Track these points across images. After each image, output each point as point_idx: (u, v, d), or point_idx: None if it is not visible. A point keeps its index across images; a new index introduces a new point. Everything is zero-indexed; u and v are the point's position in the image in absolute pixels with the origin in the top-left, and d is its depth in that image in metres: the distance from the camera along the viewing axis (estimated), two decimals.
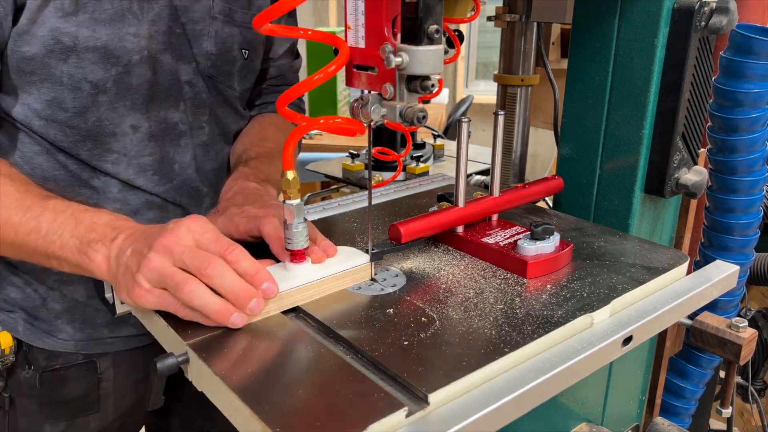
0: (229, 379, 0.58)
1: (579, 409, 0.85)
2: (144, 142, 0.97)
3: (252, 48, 1.08)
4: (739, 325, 0.84)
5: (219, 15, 1.01)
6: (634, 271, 0.79)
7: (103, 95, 0.91)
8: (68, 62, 0.87)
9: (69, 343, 1.02)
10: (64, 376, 1.03)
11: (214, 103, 1.05)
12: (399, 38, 0.66)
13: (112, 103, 0.92)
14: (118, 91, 0.92)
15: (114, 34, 0.88)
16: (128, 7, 0.89)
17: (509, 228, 0.88)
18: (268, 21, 0.60)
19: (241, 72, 1.08)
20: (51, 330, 1.02)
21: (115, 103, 0.92)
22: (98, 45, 0.87)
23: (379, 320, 0.68)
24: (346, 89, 3.47)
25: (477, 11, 0.91)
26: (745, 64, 0.87)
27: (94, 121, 0.92)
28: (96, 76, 0.89)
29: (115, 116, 0.93)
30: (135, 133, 0.96)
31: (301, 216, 0.72)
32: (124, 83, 0.92)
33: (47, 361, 1.02)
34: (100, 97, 0.91)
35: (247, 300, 0.66)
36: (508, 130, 1.33)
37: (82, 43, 0.86)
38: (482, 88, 5.10)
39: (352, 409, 0.54)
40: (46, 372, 1.02)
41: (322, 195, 1.89)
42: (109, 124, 0.93)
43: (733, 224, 0.97)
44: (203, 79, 1.02)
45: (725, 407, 0.95)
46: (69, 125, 0.91)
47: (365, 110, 0.69)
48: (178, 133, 1.01)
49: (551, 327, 0.66)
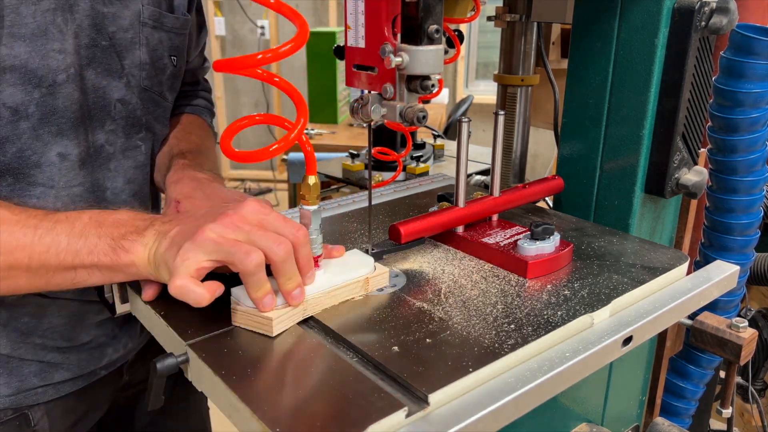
0: (228, 380, 0.58)
1: (579, 409, 0.85)
2: (74, 170, 0.86)
3: (179, 54, 1.01)
4: (739, 325, 0.84)
5: (149, 20, 0.92)
6: (634, 271, 0.79)
7: (25, 122, 0.80)
8: None
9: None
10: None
11: (151, 119, 0.97)
12: (399, 38, 0.66)
13: (35, 130, 0.81)
14: (42, 116, 0.81)
15: (36, 50, 0.78)
16: (52, 20, 0.79)
17: (509, 228, 0.88)
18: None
19: (170, 80, 1.00)
20: None
21: (38, 130, 0.81)
22: (17, 64, 0.77)
23: (379, 320, 0.68)
24: (346, 89, 3.48)
25: (477, 11, 0.91)
26: (745, 64, 0.87)
27: (14, 152, 0.80)
28: (15, 100, 0.78)
29: (39, 144, 0.82)
30: (63, 161, 0.84)
31: (317, 222, 0.70)
32: (48, 106, 0.81)
33: None
34: (21, 124, 0.79)
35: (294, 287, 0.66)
36: (508, 130, 1.33)
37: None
38: (482, 88, 5.10)
39: (352, 409, 0.54)
40: None
41: (321, 195, 1.89)
42: (32, 154, 0.82)
43: (733, 224, 0.97)
44: (137, 93, 0.93)
45: (725, 407, 0.95)
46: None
47: (365, 110, 0.69)
48: (105, 156, 0.90)
49: (551, 327, 0.66)
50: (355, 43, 0.69)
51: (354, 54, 0.70)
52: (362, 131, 3.22)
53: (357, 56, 0.70)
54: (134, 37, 0.90)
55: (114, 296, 0.79)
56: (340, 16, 4.54)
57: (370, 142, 0.85)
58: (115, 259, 0.69)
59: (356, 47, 0.69)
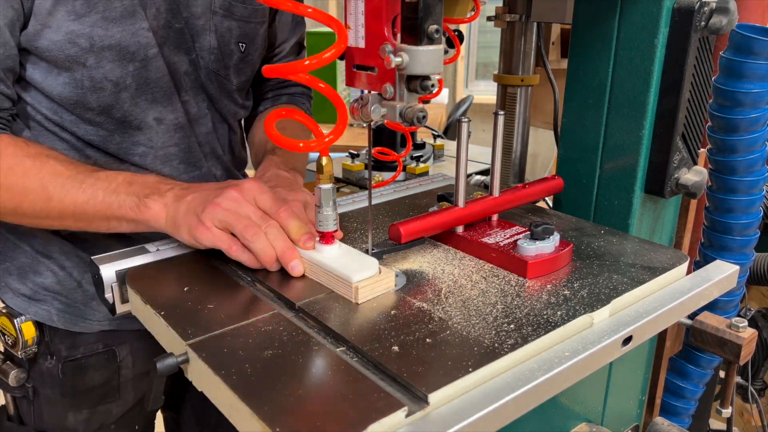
0: (228, 379, 0.58)
1: (579, 409, 0.85)
2: (169, 133, 1.01)
3: (249, 41, 1.10)
4: (739, 325, 0.84)
5: (219, 10, 1.03)
6: (633, 271, 0.79)
7: (125, 92, 0.94)
8: (87, 64, 0.90)
9: (103, 323, 1.06)
10: (85, 365, 1.06)
11: (213, 95, 1.08)
12: (399, 38, 0.66)
13: (133, 99, 0.96)
14: (138, 86, 0.95)
15: (126, 30, 0.91)
16: (139, 2, 0.92)
17: (509, 228, 0.88)
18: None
19: (238, 65, 1.10)
20: (85, 313, 1.05)
21: (136, 98, 0.96)
22: (113, 43, 0.90)
23: (378, 320, 0.68)
24: (346, 89, 3.48)
25: (477, 11, 0.91)
26: (745, 64, 0.87)
27: (119, 117, 0.96)
28: (115, 74, 0.92)
29: (138, 111, 0.97)
30: (159, 125, 1.00)
31: (330, 200, 0.75)
32: (142, 78, 0.95)
33: (69, 351, 1.05)
34: (122, 94, 0.94)
35: (290, 259, 0.77)
36: (508, 130, 1.33)
37: (98, 43, 0.89)
38: (482, 88, 5.10)
39: (352, 409, 0.54)
40: (68, 362, 1.05)
41: None
42: (134, 119, 0.97)
43: (733, 224, 0.97)
44: (202, 70, 1.04)
45: (725, 407, 0.95)
46: (96, 122, 0.95)
47: (365, 110, 0.70)
48: (191, 120, 1.05)
49: (551, 327, 0.66)
50: (355, 43, 0.69)
51: (354, 54, 0.70)
52: (362, 131, 3.22)
53: (357, 56, 0.70)
54: (205, 24, 1.02)
55: (114, 296, 0.79)
56: (340, 16, 4.53)
57: (370, 142, 0.85)
58: (138, 214, 0.84)
59: (356, 47, 0.69)
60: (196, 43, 1.02)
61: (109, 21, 0.89)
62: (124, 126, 0.97)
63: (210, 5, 1.02)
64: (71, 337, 1.05)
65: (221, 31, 1.04)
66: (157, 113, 0.99)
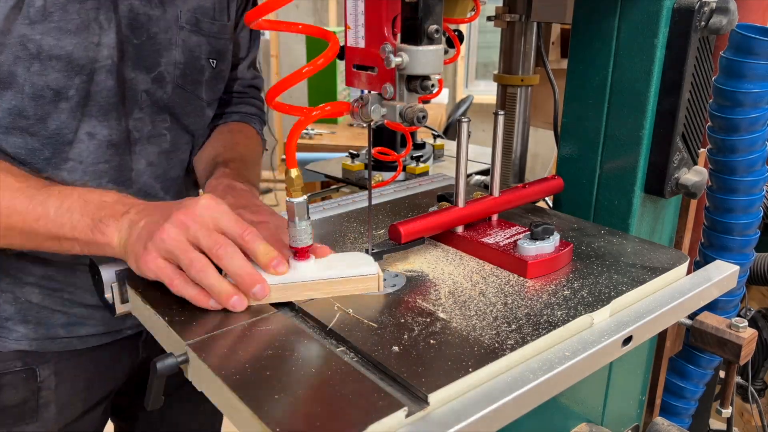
0: (229, 380, 0.58)
1: (579, 409, 0.85)
2: (101, 149, 0.96)
3: (220, 57, 1.08)
4: (739, 325, 0.84)
5: (186, 25, 1.01)
6: (634, 271, 0.79)
7: (65, 102, 0.90)
8: (31, 70, 0.86)
9: (21, 342, 0.99)
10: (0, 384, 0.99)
11: (180, 113, 1.05)
12: (399, 38, 0.66)
13: (72, 111, 0.91)
14: (80, 99, 0.91)
15: (80, 43, 0.88)
16: (95, 17, 0.89)
17: (509, 228, 0.88)
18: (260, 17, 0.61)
19: (210, 81, 1.08)
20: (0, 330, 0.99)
21: (75, 111, 0.92)
22: (62, 54, 0.87)
23: (379, 320, 0.68)
24: (346, 89, 3.48)
25: (477, 12, 0.91)
26: (745, 64, 0.87)
27: (54, 128, 0.91)
28: (58, 84, 0.89)
29: (74, 123, 0.92)
30: (91, 140, 0.94)
31: (304, 214, 0.72)
32: (85, 91, 0.91)
33: None
34: (62, 104, 0.90)
35: (251, 285, 0.70)
36: (508, 130, 1.33)
37: (46, 51, 0.86)
38: (482, 88, 5.10)
39: (352, 409, 0.54)
40: None
41: (321, 195, 1.89)
42: (69, 132, 0.92)
43: (733, 224, 0.97)
44: (167, 87, 1.01)
45: (725, 407, 0.95)
46: (30, 132, 0.90)
47: (365, 110, 0.69)
48: (132, 140, 0.99)
49: (551, 327, 0.66)
50: (355, 43, 0.69)
51: (354, 54, 0.70)
52: (362, 131, 3.22)
53: (357, 56, 0.70)
54: (171, 39, 0.99)
55: (114, 296, 0.79)
56: (340, 16, 4.53)
57: (370, 142, 0.85)
58: (92, 238, 0.77)
59: (356, 47, 0.69)
60: (162, 58, 0.99)
61: (62, 32, 0.86)
62: (56, 139, 0.92)
63: (176, 20, 0.99)
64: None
65: (189, 46, 1.02)
66: (90, 128, 0.94)
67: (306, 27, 0.66)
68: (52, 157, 0.93)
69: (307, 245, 0.73)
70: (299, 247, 0.73)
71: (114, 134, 0.96)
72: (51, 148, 0.92)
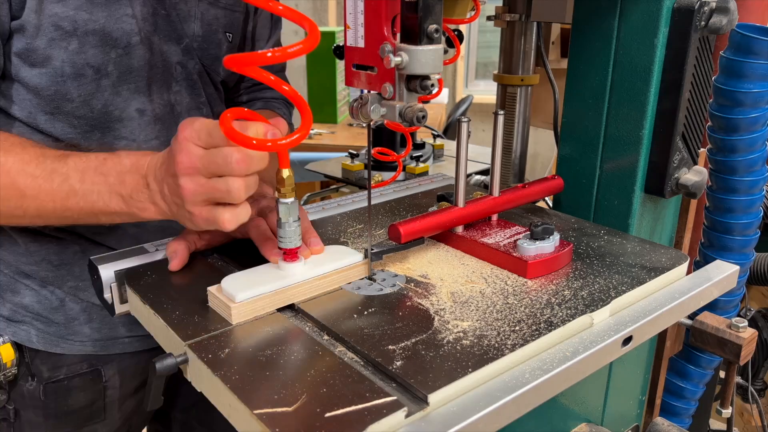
0: (228, 380, 0.58)
1: (579, 409, 0.85)
2: (151, 125, 0.97)
3: (236, 31, 1.08)
4: (739, 325, 0.84)
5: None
6: (634, 271, 0.79)
7: (106, 79, 0.90)
8: (69, 49, 0.86)
9: (86, 345, 1.01)
10: (68, 387, 1.01)
11: (207, 86, 1.05)
12: (398, 38, 0.66)
13: (115, 87, 0.91)
14: (120, 74, 0.91)
15: (111, 15, 0.88)
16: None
17: (509, 228, 0.88)
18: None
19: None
20: (67, 333, 1.00)
21: (118, 87, 0.92)
22: (96, 28, 0.87)
23: (378, 320, 0.68)
24: (346, 89, 3.47)
25: (477, 12, 0.91)
26: (745, 64, 0.87)
27: (100, 108, 0.91)
28: (97, 60, 0.88)
29: (120, 100, 0.93)
30: (141, 116, 0.95)
31: (294, 215, 0.72)
32: (124, 65, 0.91)
33: (51, 372, 1.00)
34: (103, 81, 0.90)
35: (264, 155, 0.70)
36: (508, 130, 1.33)
37: (81, 27, 0.86)
38: (482, 87, 5.10)
39: (351, 410, 0.54)
40: (50, 383, 1.00)
41: (321, 195, 1.89)
42: (115, 109, 0.93)
43: (733, 224, 0.97)
44: (196, 59, 1.01)
45: (725, 407, 0.95)
46: (76, 115, 0.91)
47: (365, 110, 0.69)
48: (177, 114, 1.00)
49: (551, 327, 0.66)
50: (354, 43, 0.69)
51: (353, 53, 0.70)
52: (362, 131, 3.22)
53: (356, 56, 0.70)
54: (191, 11, 0.99)
55: (113, 297, 0.79)
56: (340, 16, 4.53)
57: (370, 142, 0.85)
58: (131, 212, 0.78)
59: (356, 47, 0.69)
60: (184, 30, 0.99)
61: (93, 5, 0.86)
62: (105, 118, 0.93)
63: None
64: (53, 358, 1.00)
65: (208, 19, 1.01)
66: (139, 104, 0.95)
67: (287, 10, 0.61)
68: (103, 137, 0.93)
69: (296, 246, 0.73)
70: (289, 248, 0.73)
71: (158, 108, 0.97)
72: (101, 129, 0.93)
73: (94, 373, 1.03)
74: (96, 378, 1.03)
